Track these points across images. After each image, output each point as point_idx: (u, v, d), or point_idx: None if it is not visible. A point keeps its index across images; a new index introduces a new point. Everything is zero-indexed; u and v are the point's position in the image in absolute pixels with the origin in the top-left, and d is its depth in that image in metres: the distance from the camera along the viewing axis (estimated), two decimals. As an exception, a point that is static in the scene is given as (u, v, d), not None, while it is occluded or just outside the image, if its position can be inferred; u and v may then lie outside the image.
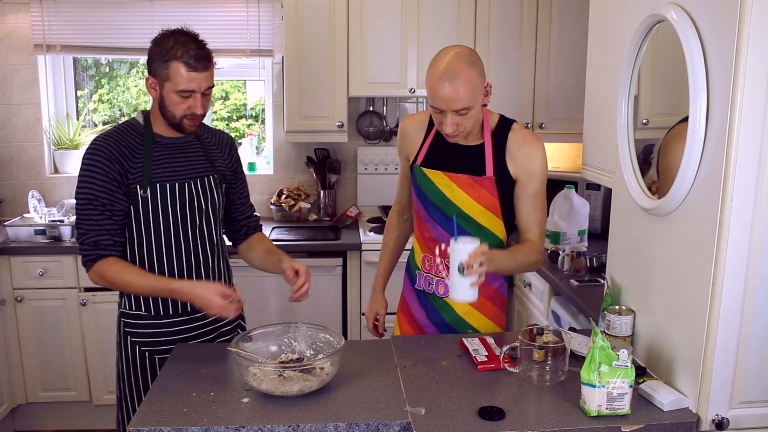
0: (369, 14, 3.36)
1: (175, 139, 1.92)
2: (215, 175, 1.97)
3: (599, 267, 2.67)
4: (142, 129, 1.88)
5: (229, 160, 2.05)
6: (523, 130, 1.96)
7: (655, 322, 1.66)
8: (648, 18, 1.62)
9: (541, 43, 3.42)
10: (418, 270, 2.07)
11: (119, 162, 1.80)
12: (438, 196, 1.96)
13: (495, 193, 1.92)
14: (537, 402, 1.54)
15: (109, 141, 1.82)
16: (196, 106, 1.81)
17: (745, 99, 1.33)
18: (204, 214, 1.93)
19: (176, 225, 1.89)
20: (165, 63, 1.76)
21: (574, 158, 3.79)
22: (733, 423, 1.46)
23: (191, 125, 1.85)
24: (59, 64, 3.80)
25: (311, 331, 1.74)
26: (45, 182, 3.74)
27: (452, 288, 1.71)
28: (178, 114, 1.82)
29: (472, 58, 1.80)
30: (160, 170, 1.86)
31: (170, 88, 1.78)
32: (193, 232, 1.92)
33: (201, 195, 1.92)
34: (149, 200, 1.84)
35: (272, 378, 1.55)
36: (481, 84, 1.80)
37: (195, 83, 1.78)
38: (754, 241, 1.39)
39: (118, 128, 1.88)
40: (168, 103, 1.81)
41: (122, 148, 1.82)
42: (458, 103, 1.76)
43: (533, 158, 1.91)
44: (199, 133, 1.98)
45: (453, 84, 1.74)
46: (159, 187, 1.84)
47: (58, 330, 3.24)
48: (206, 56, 1.79)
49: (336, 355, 1.59)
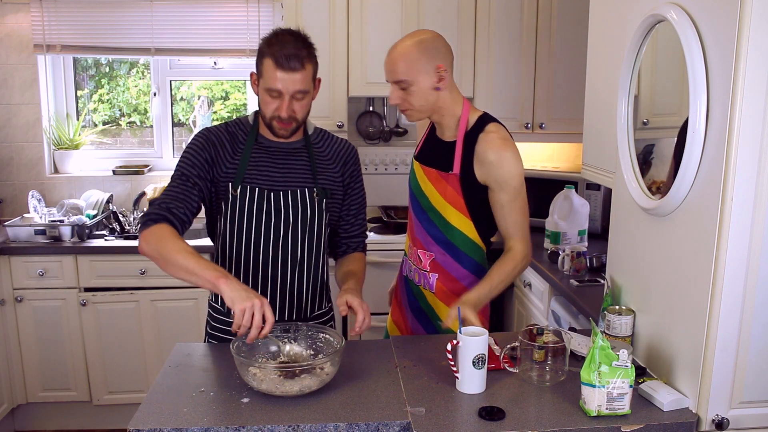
0: (369, 14, 3.36)
1: (280, 144, 1.86)
2: (314, 188, 1.86)
3: (599, 267, 2.67)
4: (249, 128, 1.87)
5: (341, 173, 1.92)
6: (494, 135, 1.89)
7: (655, 322, 1.66)
8: (648, 18, 1.62)
9: (541, 43, 3.42)
10: (406, 256, 2.15)
11: (216, 150, 1.81)
12: (416, 186, 2.04)
13: (459, 191, 1.92)
14: (537, 402, 1.54)
15: (213, 130, 1.85)
16: (281, 108, 1.73)
17: (745, 99, 1.33)
18: (291, 226, 1.84)
19: (258, 232, 1.83)
20: (261, 58, 1.73)
21: (574, 158, 3.79)
22: (733, 423, 1.46)
23: (281, 128, 1.78)
24: (59, 64, 3.80)
25: (311, 332, 1.74)
26: (45, 182, 3.74)
27: (464, 382, 1.58)
28: (267, 114, 1.77)
29: (423, 38, 1.85)
30: (255, 172, 1.83)
31: (263, 85, 1.75)
32: (275, 243, 1.85)
33: (291, 207, 1.84)
34: (237, 200, 1.82)
35: (272, 378, 1.55)
36: (424, 62, 1.84)
37: (282, 83, 1.70)
38: (754, 241, 1.39)
39: (228, 122, 1.89)
40: (261, 101, 1.78)
41: (224, 140, 1.83)
42: (393, 75, 1.85)
43: (502, 165, 1.86)
44: (312, 141, 1.90)
45: (390, 56, 1.86)
46: (249, 189, 1.82)
47: (58, 330, 3.24)
48: (299, 57, 1.69)
49: (336, 355, 1.59)
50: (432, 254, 2.02)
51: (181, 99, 4.00)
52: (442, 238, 2.00)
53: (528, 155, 3.83)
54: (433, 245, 2.02)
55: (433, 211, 1.99)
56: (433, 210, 1.99)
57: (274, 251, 1.86)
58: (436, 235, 2.00)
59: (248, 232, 1.84)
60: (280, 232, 1.85)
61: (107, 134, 3.99)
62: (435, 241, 2.01)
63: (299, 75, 1.70)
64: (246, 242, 1.85)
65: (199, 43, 3.66)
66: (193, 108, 3.98)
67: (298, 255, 1.88)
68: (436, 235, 2.00)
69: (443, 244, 2.01)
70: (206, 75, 3.92)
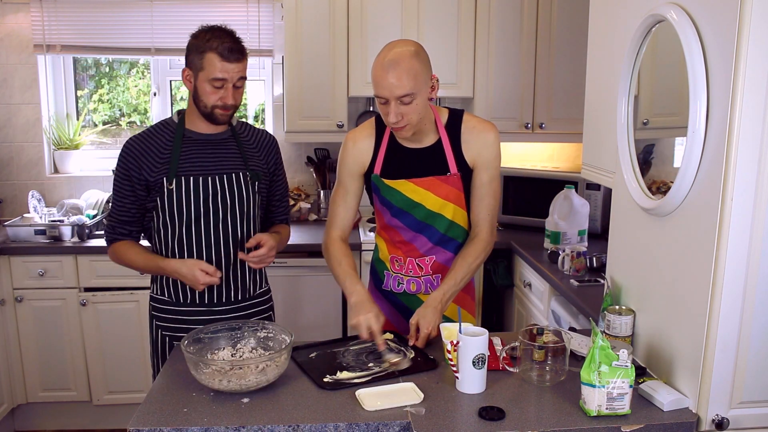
0: (369, 14, 3.36)
1: (208, 135, 1.99)
2: (246, 172, 2.01)
3: (599, 267, 2.67)
4: (175, 126, 1.99)
5: (265, 161, 2.08)
6: (476, 118, 2.00)
7: (655, 322, 1.66)
8: (648, 18, 1.62)
9: (541, 43, 3.42)
10: (387, 270, 2.08)
11: (140, 160, 1.93)
12: (405, 202, 1.98)
13: (461, 187, 1.97)
14: (537, 402, 1.54)
15: (134, 142, 1.97)
16: (227, 97, 1.89)
17: (745, 99, 1.33)
18: (229, 209, 1.98)
19: (198, 217, 1.96)
20: (200, 54, 1.87)
21: (574, 158, 3.79)
22: (733, 423, 1.46)
23: (223, 114, 1.92)
24: (59, 64, 3.80)
25: (261, 333, 1.77)
26: (45, 182, 3.74)
27: (464, 382, 1.58)
28: (210, 103, 1.90)
29: (416, 49, 1.84)
30: (188, 164, 1.95)
31: (203, 78, 1.88)
32: (215, 225, 1.98)
33: (227, 190, 1.97)
34: (174, 192, 1.93)
35: (227, 372, 1.54)
36: (424, 74, 1.82)
37: (227, 73, 1.86)
38: (754, 241, 1.39)
39: (150, 128, 2.01)
40: (201, 92, 1.90)
41: (148, 147, 1.95)
42: (400, 89, 1.78)
43: (487, 143, 1.95)
44: (237, 131, 2.05)
45: (395, 70, 1.78)
46: (184, 179, 1.94)
47: (58, 330, 3.24)
48: (239, 50, 1.89)
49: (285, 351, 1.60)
50: (432, 257, 2.02)
51: (181, 99, 4.00)
52: (443, 238, 2.00)
53: (528, 155, 3.84)
54: (433, 248, 2.02)
55: (433, 216, 1.98)
56: (433, 215, 1.98)
57: (215, 234, 1.99)
58: (437, 237, 2.00)
59: (188, 219, 1.96)
60: (219, 215, 1.98)
61: (107, 134, 3.99)
62: (435, 243, 2.01)
63: (240, 65, 1.90)
64: (187, 229, 1.97)
65: (199, 43, 3.66)
66: (193, 108, 3.97)
67: (239, 236, 2.01)
68: (437, 237, 2.00)
69: (444, 244, 2.01)
70: (206, 75, 3.91)
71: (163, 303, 2.05)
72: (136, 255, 2.00)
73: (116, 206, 2.00)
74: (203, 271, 1.87)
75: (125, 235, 2.02)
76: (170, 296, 2.03)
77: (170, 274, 1.94)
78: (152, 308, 2.08)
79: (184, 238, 1.97)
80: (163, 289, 2.04)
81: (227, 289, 2.03)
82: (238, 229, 2.01)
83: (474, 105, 3.45)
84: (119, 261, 2.04)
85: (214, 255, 1.99)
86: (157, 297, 2.07)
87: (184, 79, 1.94)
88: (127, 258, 2.01)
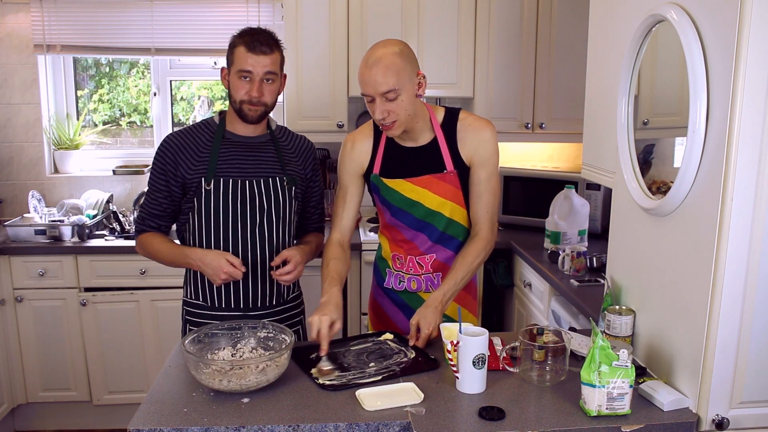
0: (369, 14, 3.36)
1: (247, 138, 1.99)
2: (284, 176, 2.00)
3: (599, 267, 2.67)
4: (215, 127, 1.99)
5: (302, 167, 2.07)
6: (472, 116, 2.00)
7: (655, 322, 1.66)
8: (648, 18, 1.62)
9: (541, 43, 3.42)
10: (389, 268, 2.09)
11: (178, 156, 1.93)
12: (404, 201, 1.99)
13: (458, 185, 1.97)
14: (537, 402, 1.54)
15: (173, 137, 1.97)
16: (253, 90, 1.87)
17: (745, 99, 1.33)
18: (266, 213, 1.97)
19: (235, 220, 1.95)
20: (232, 48, 1.89)
21: (574, 158, 3.79)
22: (733, 423, 1.46)
23: (251, 110, 1.90)
24: (59, 64, 3.80)
25: (261, 333, 1.76)
26: (45, 182, 3.74)
27: (464, 382, 1.58)
28: (238, 98, 1.89)
29: (400, 48, 1.85)
30: (226, 166, 1.95)
31: (233, 72, 1.89)
32: (252, 229, 1.97)
33: (264, 194, 1.96)
34: (212, 193, 1.93)
35: (227, 372, 1.54)
36: (408, 70, 1.83)
37: (253, 65, 1.85)
38: (754, 241, 1.39)
39: (191, 126, 2.01)
40: (232, 88, 1.91)
41: (187, 144, 1.95)
42: (384, 86, 1.80)
43: (484, 141, 1.95)
44: (276, 135, 2.04)
45: (377, 67, 1.80)
46: (222, 181, 1.93)
47: (58, 330, 3.25)
48: (269, 44, 1.87)
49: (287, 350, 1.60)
50: (433, 255, 2.02)
51: (181, 99, 4.00)
52: (443, 237, 2.01)
53: (528, 155, 3.84)
54: (433, 247, 2.02)
55: (432, 215, 1.98)
56: (432, 214, 1.98)
57: (252, 238, 1.97)
58: (437, 235, 2.00)
59: (225, 221, 1.95)
60: (256, 219, 1.96)
61: (107, 134, 3.99)
62: (435, 241, 2.01)
63: (269, 59, 1.87)
64: (224, 231, 1.96)
65: (199, 43, 3.66)
66: (193, 108, 3.98)
67: (274, 240, 2.00)
68: (437, 235, 2.00)
69: (444, 242, 2.01)
70: (206, 75, 3.92)
71: (197, 308, 2.03)
72: (161, 245, 1.99)
73: (149, 199, 2.00)
74: (229, 262, 1.85)
75: (154, 228, 2.02)
76: (205, 300, 2.01)
77: (194, 262, 1.91)
78: (186, 312, 2.06)
79: (221, 241, 1.96)
80: (198, 294, 2.02)
81: (263, 293, 2.02)
82: (273, 234, 1.99)
83: (474, 105, 3.45)
84: (145, 252, 2.03)
85: (250, 259, 1.97)
86: (190, 301, 2.05)
87: (222, 78, 1.96)
88: (153, 248, 2.00)
